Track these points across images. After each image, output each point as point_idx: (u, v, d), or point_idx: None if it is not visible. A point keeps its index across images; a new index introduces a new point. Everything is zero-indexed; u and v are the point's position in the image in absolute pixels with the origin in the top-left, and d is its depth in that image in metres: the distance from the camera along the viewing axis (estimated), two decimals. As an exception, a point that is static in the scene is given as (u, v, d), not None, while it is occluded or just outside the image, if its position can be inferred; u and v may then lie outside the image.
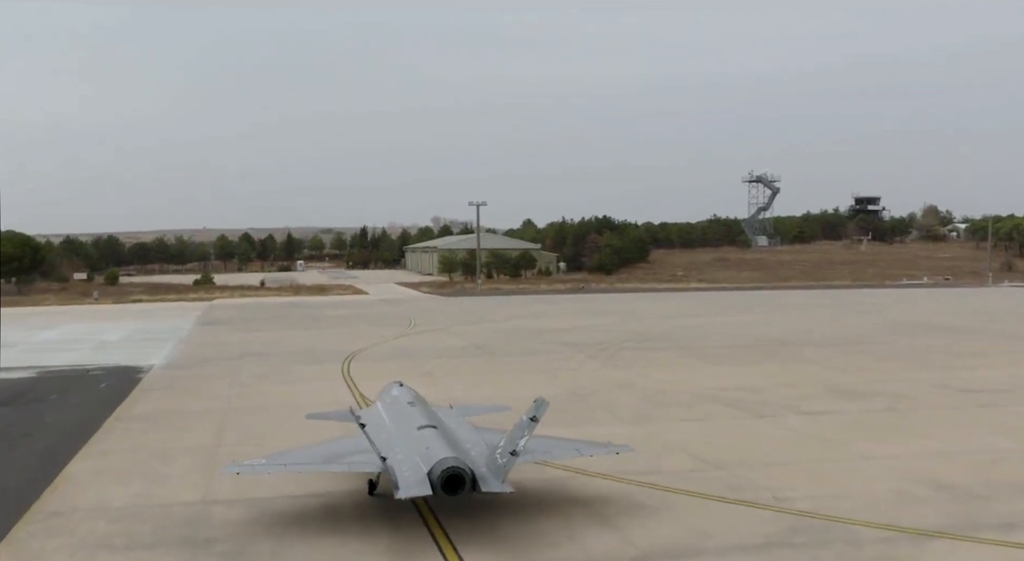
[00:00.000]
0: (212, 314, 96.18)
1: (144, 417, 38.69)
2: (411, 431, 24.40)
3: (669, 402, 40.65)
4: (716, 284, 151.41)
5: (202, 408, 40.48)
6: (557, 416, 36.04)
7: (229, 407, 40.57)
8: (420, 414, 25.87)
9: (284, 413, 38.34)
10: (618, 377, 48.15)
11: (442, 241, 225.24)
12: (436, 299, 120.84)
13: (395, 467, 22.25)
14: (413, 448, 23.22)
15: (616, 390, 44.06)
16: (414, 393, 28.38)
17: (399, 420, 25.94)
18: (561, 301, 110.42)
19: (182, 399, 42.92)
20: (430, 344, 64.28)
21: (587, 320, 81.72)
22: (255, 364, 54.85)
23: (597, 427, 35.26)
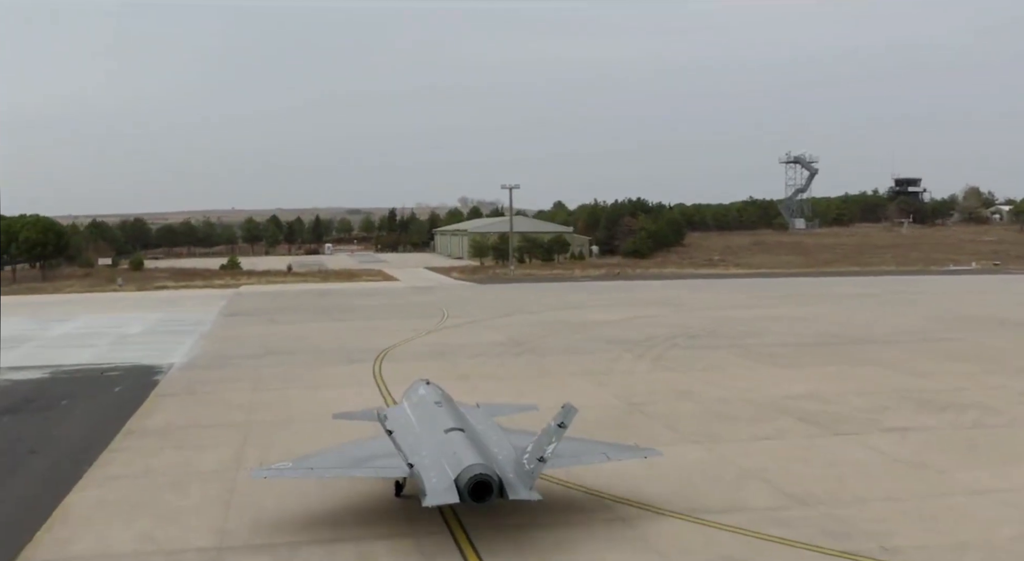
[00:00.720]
0: (237, 303, 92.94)
1: (158, 431, 35.21)
2: (438, 434, 23.77)
3: (734, 415, 36.66)
4: (755, 269, 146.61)
5: (222, 419, 36.99)
6: (614, 431, 32.56)
7: (251, 419, 36.99)
8: (447, 415, 25.13)
9: (311, 427, 34.68)
10: (673, 382, 44.20)
11: (472, 224, 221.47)
12: (468, 287, 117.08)
13: (422, 473, 22.00)
14: (440, 452, 22.70)
15: (674, 399, 40.14)
16: (441, 392, 27.43)
17: (426, 421, 25.20)
18: (598, 289, 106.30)
19: (200, 408, 39.45)
20: (465, 340, 60.53)
21: (629, 311, 77.63)
22: (280, 364, 51.35)
23: (660, 446, 31.46)
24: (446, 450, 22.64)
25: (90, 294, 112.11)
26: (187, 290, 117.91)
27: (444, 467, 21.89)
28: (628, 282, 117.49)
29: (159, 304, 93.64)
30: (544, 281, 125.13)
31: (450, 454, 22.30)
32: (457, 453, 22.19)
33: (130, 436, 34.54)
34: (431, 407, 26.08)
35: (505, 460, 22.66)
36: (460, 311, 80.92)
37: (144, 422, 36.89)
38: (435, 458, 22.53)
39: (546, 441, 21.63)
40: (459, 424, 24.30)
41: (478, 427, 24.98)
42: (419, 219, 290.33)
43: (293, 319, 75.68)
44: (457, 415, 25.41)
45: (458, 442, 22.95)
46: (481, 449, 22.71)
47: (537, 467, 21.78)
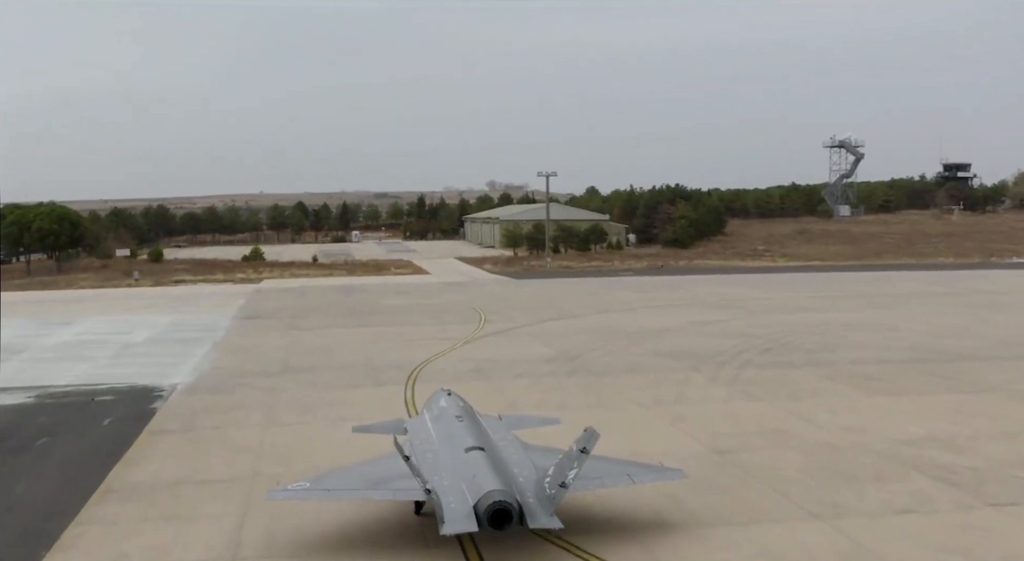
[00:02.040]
0: (256, 303, 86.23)
1: (143, 490, 28.47)
2: (458, 453, 23.33)
3: (852, 471, 29.41)
4: (805, 262, 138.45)
5: (223, 471, 30.22)
6: (710, 497, 26.45)
7: (259, 470, 30.18)
8: (468, 432, 24.67)
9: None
10: (760, 416, 36.97)
11: (503, 211, 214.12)
12: (504, 282, 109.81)
13: (441, 497, 21.34)
14: (460, 474, 22.24)
15: (769, 443, 32.94)
16: (462, 404, 27.07)
17: (446, 438, 24.75)
18: (643, 286, 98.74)
19: (199, 453, 32.65)
20: (508, 353, 53.48)
21: (685, 315, 70.26)
22: (298, 385, 44.59)
23: (773, 522, 24.56)
24: (466, 472, 22.13)
25: (103, 289, 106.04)
26: (206, 284, 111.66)
27: (463, 491, 21.35)
28: (673, 278, 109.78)
29: (173, 303, 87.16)
30: (583, 275, 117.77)
31: (469, 477, 21.79)
32: (477, 476, 21.69)
33: (107, 499, 27.82)
34: (452, 422, 25.51)
35: (526, 482, 22.12)
36: (498, 313, 73.88)
37: (129, 475, 30.18)
38: (454, 480, 21.97)
39: (568, 466, 21.15)
40: (480, 442, 23.79)
41: (499, 444, 24.41)
42: (448, 205, 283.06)
43: (315, 323, 68.91)
44: (478, 431, 24.86)
45: (478, 463, 22.46)
46: (501, 471, 22.23)
47: (558, 493, 21.29)
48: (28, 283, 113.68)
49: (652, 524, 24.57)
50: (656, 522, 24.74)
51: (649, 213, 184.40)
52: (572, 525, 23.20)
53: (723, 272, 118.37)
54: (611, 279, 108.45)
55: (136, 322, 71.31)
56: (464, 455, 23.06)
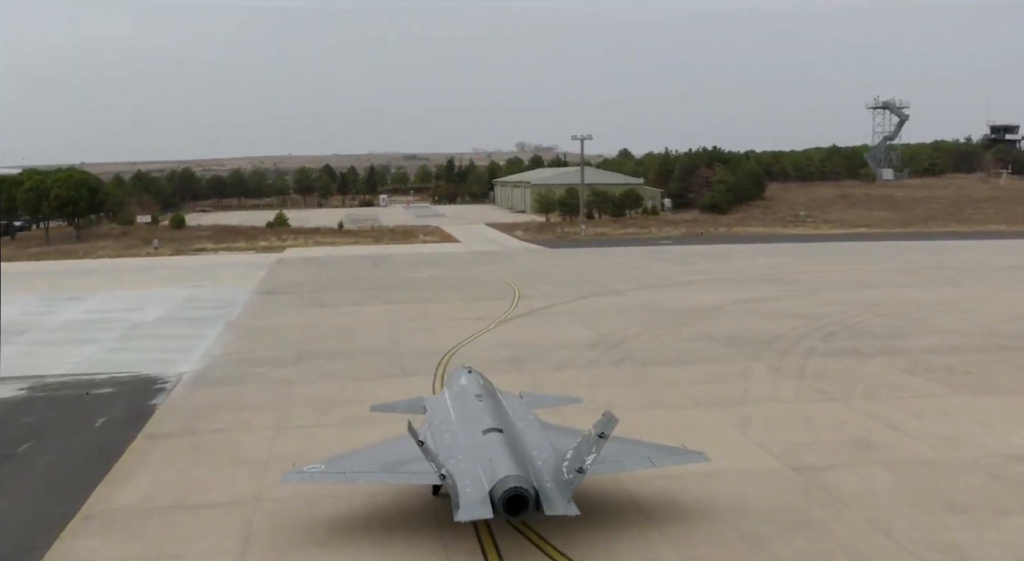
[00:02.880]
0: (277, 275, 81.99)
1: (127, 517, 24.32)
2: (476, 435, 22.80)
3: (960, 498, 24.75)
4: (851, 229, 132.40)
5: (223, 492, 26.04)
6: (797, 537, 22.28)
7: (264, 491, 25.90)
8: (487, 412, 24.18)
9: (347, 505, 23.78)
10: (838, 420, 32.36)
11: (534, 175, 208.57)
12: (537, 251, 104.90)
13: (457, 481, 20.84)
14: (476, 457, 21.69)
15: (853, 457, 28.35)
16: (483, 382, 26.59)
17: (465, 418, 24.28)
18: (685, 256, 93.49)
19: (198, 466, 28.43)
20: (545, 337, 48.88)
21: (733, 291, 65.23)
22: (315, 377, 40.30)
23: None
24: (483, 455, 21.69)
25: (121, 259, 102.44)
26: (227, 253, 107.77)
27: (479, 476, 20.95)
28: (714, 247, 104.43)
29: (190, 275, 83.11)
30: (619, 244, 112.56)
31: (486, 460, 21.35)
32: (493, 460, 21.21)
33: (86, 529, 23.73)
34: (471, 401, 25.03)
35: (544, 466, 21.72)
36: (532, 287, 69.23)
37: (114, 496, 26.01)
38: (471, 464, 21.58)
39: (586, 451, 20.60)
40: (498, 423, 23.32)
41: (518, 424, 24.05)
42: (478, 168, 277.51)
43: (337, 300, 64.56)
44: (498, 411, 24.42)
45: (496, 446, 21.92)
46: (519, 455, 21.77)
47: (576, 478, 20.74)
48: (45, 252, 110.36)
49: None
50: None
51: (685, 177, 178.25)
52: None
53: (766, 240, 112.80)
54: (649, 248, 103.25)
55: (149, 297, 67.33)
56: (482, 437, 22.54)
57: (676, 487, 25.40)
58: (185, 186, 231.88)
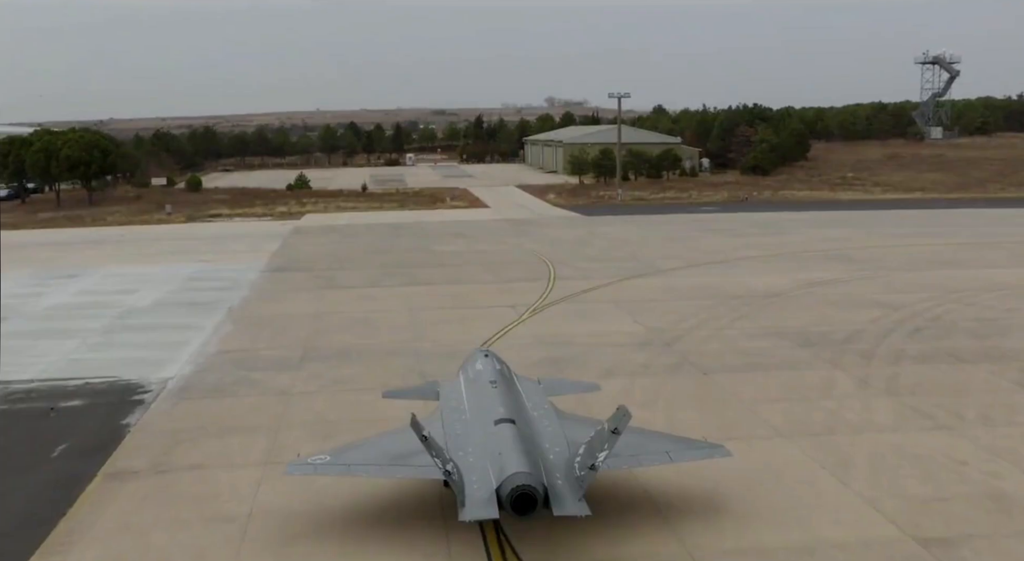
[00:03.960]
0: (291, 248, 75.75)
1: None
2: (487, 425, 21.85)
3: None
4: (903, 192, 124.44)
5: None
6: None
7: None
8: (500, 400, 23.13)
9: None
10: (956, 460, 26.04)
11: (566, 133, 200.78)
12: (572, 219, 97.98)
13: (464, 476, 19.96)
14: (485, 451, 20.80)
15: (990, 524, 22.14)
16: (499, 367, 25.53)
17: (478, 406, 23.29)
18: (734, 226, 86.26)
19: (158, 528, 22.49)
20: (588, 331, 42.58)
21: (795, 271, 58.46)
22: (320, 387, 34.37)
23: None
24: (492, 448, 20.68)
25: (130, 227, 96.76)
26: (242, 221, 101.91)
27: (487, 471, 19.97)
28: (762, 215, 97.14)
29: (199, 247, 77.20)
30: (659, 210, 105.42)
31: (495, 454, 20.34)
32: (503, 455, 20.14)
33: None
34: (485, 388, 24.13)
35: (556, 460, 20.76)
36: (569, 264, 62.85)
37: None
38: (479, 458, 20.64)
39: (598, 446, 19.41)
40: (511, 413, 22.34)
41: (533, 414, 23.25)
42: (507, 126, 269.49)
43: (354, 280, 58.47)
44: (512, 400, 23.50)
45: (506, 440, 20.82)
46: (530, 449, 20.62)
47: (588, 475, 19.53)
48: (54, 218, 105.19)
49: None
50: None
51: (724, 136, 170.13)
52: None
53: (816, 207, 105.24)
54: (692, 217, 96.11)
55: (150, 275, 61.57)
56: (493, 428, 21.65)
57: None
58: (207, 145, 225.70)
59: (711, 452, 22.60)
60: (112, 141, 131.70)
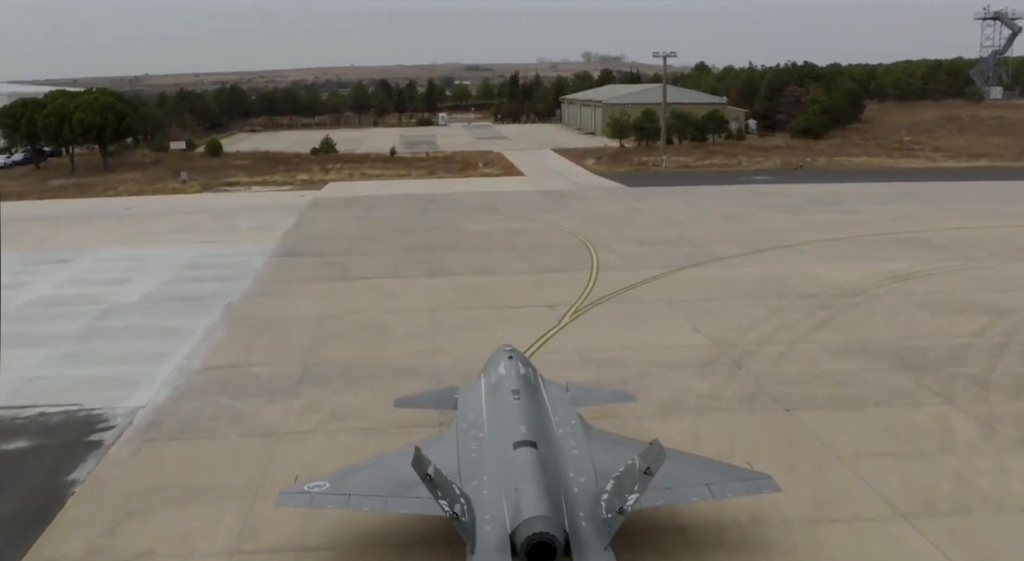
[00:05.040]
0: (306, 226, 69.08)
1: None
2: (506, 448, 19.49)
3: None
4: (968, 159, 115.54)
5: None
6: None
7: None
8: (522, 416, 20.89)
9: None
10: None
11: (605, 92, 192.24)
12: (614, 191, 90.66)
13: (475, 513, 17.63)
14: (502, 482, 18.35)
15: None
16: (523, 372, 23.42)
17: (497, 422, 21.04)
18: (792, 201, 78.70)
19: None
20: (639, 343, 36.02)
21: (871, 260, 51.33)
22: (313, 424, 28.18)
23: None
24: (509, 479, 18.26)
25: (141, 197, 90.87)
26: (260, 190, 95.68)
27: (502, 511, 17.60)
28: (821, 186, 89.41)
29: (208, 223, 71.07)
30: (706, 179, 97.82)
31: (512, 489, 17.85)
32: (520, 490, 17.64)
33: None
34: (507, 399, 21.90)
35: (581, 496, 18.28)
36: (613, 248, 56.17)
37: None
38: (494, 490, 18.26)
39: (628, 486, 17.13)
40: (533, 433, 20.04)
41: (558, 432, 21.02)
42: (544, 84, 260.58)
43: (371, 267, 52.11)
44: (535, 416, 21.27)
45: (526, 469, 18.35)
46: (552, 482, 18.18)
47: (615, 519, 17.33)
48: (64, 186, 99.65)
49: None
50: None
51: (772, 96, 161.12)
52: None
53: (877, 176, 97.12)
54: (745, 188, 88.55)
55: (147, 260, 55.62)
56: (512, 454, 19.14)
57: None
58: (234, 104, 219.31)
59: (758, 485, 19.75)
60: (129, 103, 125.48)
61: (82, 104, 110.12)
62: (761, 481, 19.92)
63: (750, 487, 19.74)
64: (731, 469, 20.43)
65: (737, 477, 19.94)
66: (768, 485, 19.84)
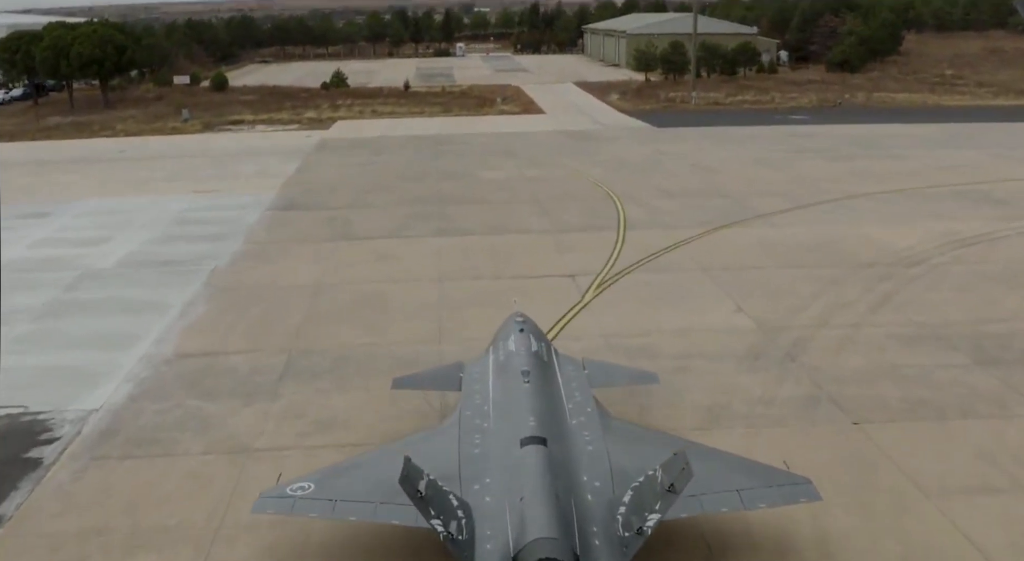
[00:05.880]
0: (311, 170, 64.36)
1: None
2: (512, 444, 16.91)
3: None
4: (1015, 95, 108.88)
5: None
6: None
7: None
8: (532, 404, 18.39)
9: None
10: None
11: (630, 22, 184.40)
12: (640, 130, 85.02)
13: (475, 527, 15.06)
14: (506, 489, 15.78)
15: None
16: (535, 348, 20.85)
17: (504, 410, 18.68)
18: (834, 143, 72.83)
19: None
20: (675, 329, 31.38)
21: (927, 218, 46.27)
22: (296, 439, 23.83)
23: None
24: (514, 486, 15.60)
25: (138, 138, 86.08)
26: (264, 130, 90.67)
27: (504, 526, 14.90)
28: (863, 128, 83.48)
29: (204, 169, 66.32)
30: (738, 117, 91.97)
31: (516, 499, 15.17)
32: (526, 502, 14.94)
33: None
34: (516, 382, 19.43)
35: (595, 504, 15.74)
36: (641, 201, 51.32)
37: None
38: (497, 497, 15.71)
39: (648, 504, 14.78)
40: (544, 427, 17.36)
41: (572, 423, 18.53)
42: (566, 12, 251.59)
43: (376, 224, 47.39)
44: (547, 404, 18.76)
45: (533, 474, 15.64)
46: (563, 488, 15.53)
47: (632, 540, 14.89)
48: (61, 124, 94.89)
49: None
50: None
51: (806, 26, 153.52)
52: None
53: (922, 115, 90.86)
54: (782, 129, 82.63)
55: (133, 213, 51.17)
56: (518, 453, 16.57)
57: None
58: (245, 34, 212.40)
59: (795, 493, 17.18)
60: (132, 35, 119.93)
61: (80, 37, 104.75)
62: (799, 487, 17.30)
63: (786, 495, 17.15)
64: (763, 470, 17.82)
65: (771, 481, 17.31)
66: (807, 492, 17.27)
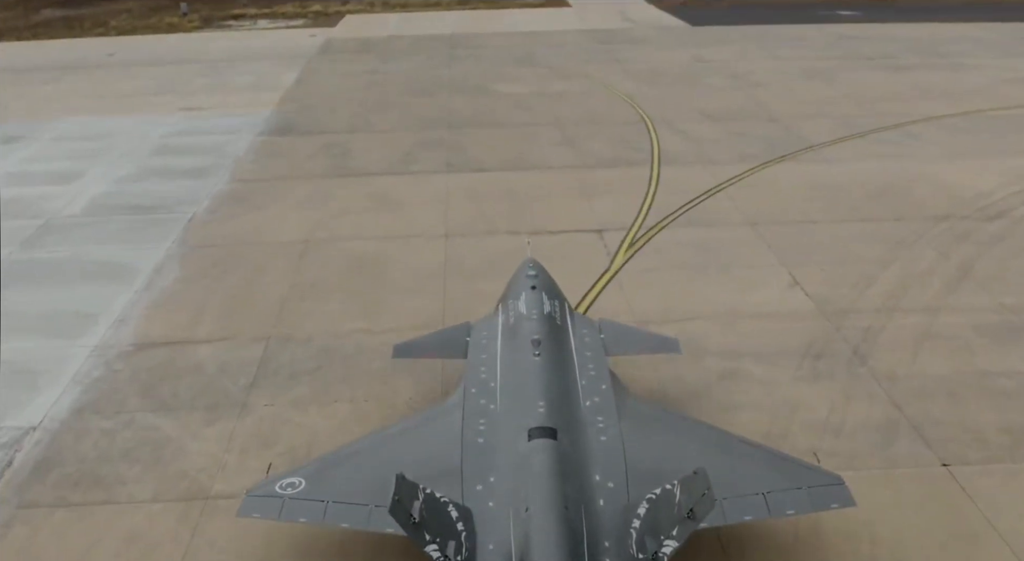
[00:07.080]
0: (311, 81, 58.65)
1: None
2: (518, 436, 14.86)
3: None
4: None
5: None
6: None
7: None
8: (543, 384, 16.21)
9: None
10: None
11: None
12: (674, 31, 78.07)
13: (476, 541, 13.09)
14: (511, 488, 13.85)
15: None
16: (547, 309, 18.58)
17: (511, 389, 16.48)
18: (889, 49, 65.91)
19: None
20: (717, 312, 26.60)
21: (1006, 156, 40.65)
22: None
23: None
24: (520, 488, 13.60)
25: (130, 38, 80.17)
26: (266, 26, 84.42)
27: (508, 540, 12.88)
28: (919, 27, 76.23)
29: (195, 80, 60.62)
30: (782, 12, 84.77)
31: (522, 508, 13.13)
32: (531, 513, 12.84)
33: None
34: (525, 354, 17.14)
35: (607, 512, 13.59)
36: (676, 126, 45.97)
37: None
38: (502, 500, 13.76)
39: (665, 527, 12.67)
40: (554, 416, 15.18)
41: (584, 405, 16.15)
42: None
43: (377, 157, 42.20)
44: (558, 382, 16.42)
45: (540, 478, 13.54)
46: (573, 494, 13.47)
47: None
48: (50, 19, 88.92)
49: None
50: None
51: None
52: None
53: (987, 10, 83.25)
54: (829, 29, 75.51)
55: (110, 140, 46.14)
56: (526, 447, 14.46)
57: None
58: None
59: (825, 496, 14.72)
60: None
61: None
62: (831, 489, 14.99)
63: (815, 499, 14.73)
64: (791, 466, 15.65)
65: (800, 481, 15.00)
66: (840, 495, 14.88)
